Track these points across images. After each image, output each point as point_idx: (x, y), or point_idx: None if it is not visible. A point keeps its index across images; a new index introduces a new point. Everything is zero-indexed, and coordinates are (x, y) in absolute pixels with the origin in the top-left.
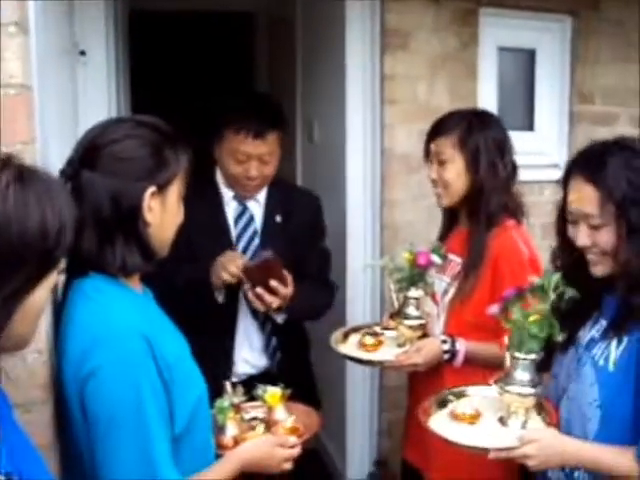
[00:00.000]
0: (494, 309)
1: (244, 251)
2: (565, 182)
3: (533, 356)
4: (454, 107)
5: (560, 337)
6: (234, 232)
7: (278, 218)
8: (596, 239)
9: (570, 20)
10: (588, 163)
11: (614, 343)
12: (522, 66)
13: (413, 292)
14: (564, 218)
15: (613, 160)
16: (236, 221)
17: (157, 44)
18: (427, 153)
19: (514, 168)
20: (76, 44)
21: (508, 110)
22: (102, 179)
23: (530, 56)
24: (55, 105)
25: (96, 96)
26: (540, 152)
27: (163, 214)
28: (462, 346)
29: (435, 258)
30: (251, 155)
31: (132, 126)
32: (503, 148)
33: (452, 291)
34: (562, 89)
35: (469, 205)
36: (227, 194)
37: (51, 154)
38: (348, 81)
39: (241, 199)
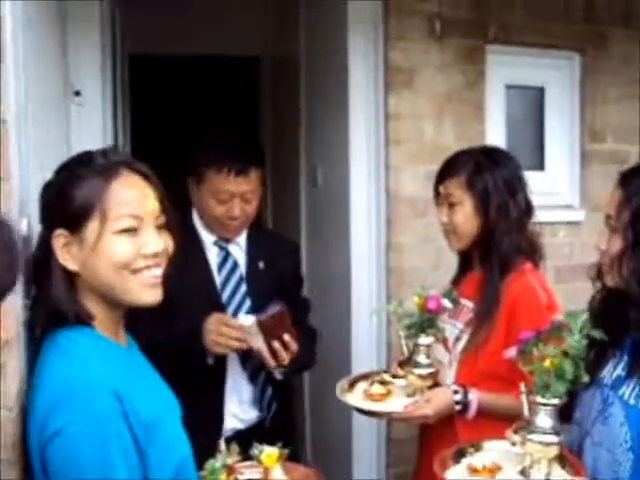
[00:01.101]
0: (511, 352)
1: (230, 299)
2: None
3: (556, 401)
4: (461, 147)
5: (586, 378)
6: (218, 279)
7: (261, 264)
8: (610, 245)
9: (578, 57)
10: (627, 173)
11: None
12: (531, 104)
13: (423, 339)
14: None
15: None
16: (219, 268)
17: (163, 89)
18: (437, 195)
19: (528, 206)
20: (71, 84)
21: (517, 150)
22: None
23: (539, 94)
24: (45, 143)
25: (89, 137)
26: (552, 192)
27: (88, 256)
28: (475, 397)
29: (446, 303)
30: (234, 194)
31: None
32: (514, 186)
33: (465, 338)
34: (572, 127)
35: (481, 248)
36: (208, 239)
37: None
38: (351, 121)
39: (222, 244)
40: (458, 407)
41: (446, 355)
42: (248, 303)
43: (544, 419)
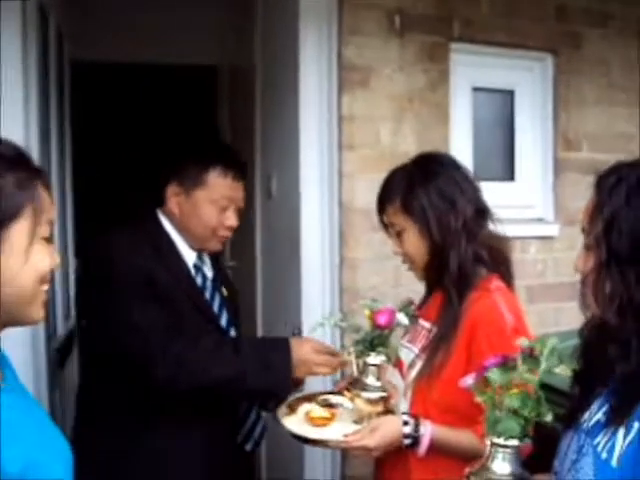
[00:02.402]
0: (467, 381)
1: (219, 315)
2: None
3: (514, 442)
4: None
5: (549, 417)
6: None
7: (224, 291)
8: (585, 264)
9: (550, 58)
10: (603, 174)
11: (621, 431)
12: (499, 109)
13: (373, 358)
14: None
15: (625, 171)
16: (202, 291)
17: (121, 97)
18: (384, 226)
19: (479, 210)
20: None
21: (485, 158)
22: None
23: (508, 97)
24: None
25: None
26: (522, 205)
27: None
28: (427, 431)
29: (402, 318)
30: (234, 200)
31: None
32: (452, 195)
33: (419, 364)
34: (545, 134)
35: (436, 269)
36: (190, 257)
37: None
38: (302, 125)
39: (198, 264)
40: (407, 441)
41: (400, 379)
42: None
43: (500, 464)
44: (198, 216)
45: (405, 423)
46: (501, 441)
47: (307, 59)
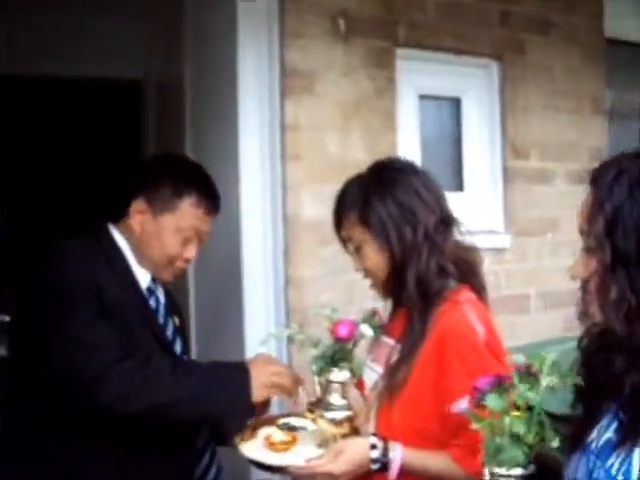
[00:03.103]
0: (461, 406)
1: (173, 342)
2: None
3: (518, 471)
4: (372, 162)
5: (556, 442)
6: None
7: (175, 319)
8: (587, 269)
9: (496, 65)
10: (598, 168)
11: (637, 452)
12: (446, 116)
13: (336, 374)
14: None
15: (624, 164)
16: (156, 310)
17: (42, 111)
18: (342, 241)
19: (443, 219)
20: None
21: (433, 168)
22: None
23: (455, 105)
24: None
25: None
26: (472, 216)
27: None
28: (397, 455)
29: (365, 329)
30: (200, 233)
31: None
32: (411, 205)
33: (380, 384)
34: (492, 143)
35: (398, 283)
36: (143, 280)
37: None
38: (241, 135)
39: (152, 288)
40: (375, 466)
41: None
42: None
43: None
44: (160, 241)
45: (373, 447)
46: (503, 471)
47: (246, 65)
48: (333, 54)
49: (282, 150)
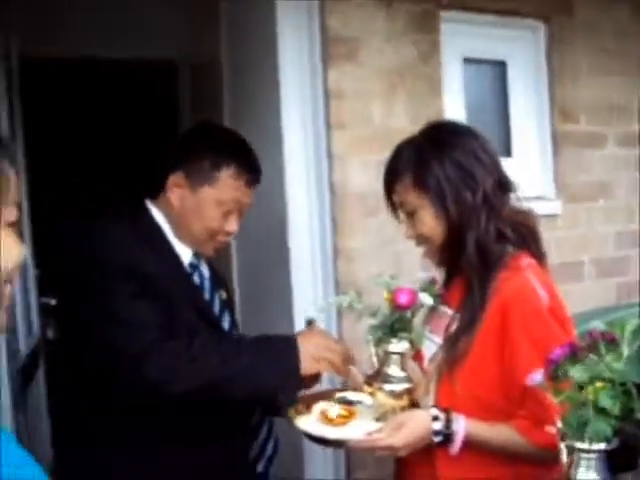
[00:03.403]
0: (536, 377)
1: (220, 318)
2: None
3: (602, 446)
4: (418, 130)
5: None
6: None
7: (223, 293)
8: None
9: (543, 27)
10: None
11: None
12: (493, 81)
13: (395, 345)
14: None
15: None
16: (201, 286)
17: (78, 93)
18: (392, 207)
19: (501, 183)
20: None
21: None
22: None
23: (501, 69)
24: None
25: None
26: (521, 182)
27: None
28: (461, 427)
29: (425, 298)
30: (241, 205)
31: None
32: (471, 167)
33: (441, 357)
34: (540, 107)
35: (456, 250)
36: (185, 255)
37: None
38: (284, 105)
39: (195, 263)
40: (438, 438)
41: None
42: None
43: (586, 472)
44: (200, 215)
45: (435, 418)
46: (586, 446)
47: (286, 34)
48: (376, 19)
49: (326, 120)
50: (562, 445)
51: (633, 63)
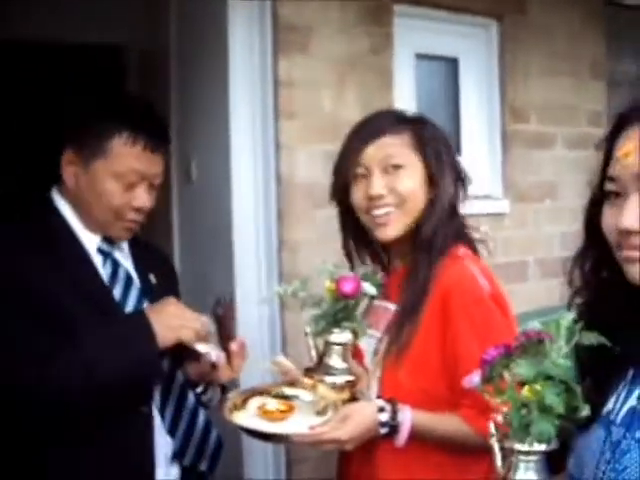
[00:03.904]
0: (473, 379)
1: (139, 301)
2: (612, 139)
3: (543, 447)
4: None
5: (587, 410)
6: (117, 298)
7: (152, 278)
8: None
9: (495, 25)
10: None
11: None
12: (444, 77)
13: (337, 336)
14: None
15: None
16: (111, 282)
17: (21, 77)
18: (354, 166)
19: (462, 179)
20: None
21: None
22: None
23: (452, 66)
24: None
25: None
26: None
27: None
28: (407, 417)
29: (368, 287)
30: (145, 176)
31: None
32: (453, 153)
33: (383, 347)
34: (491, 105)
35: (417, 232)
36: (90, 242)
37: None
38: (232, 92)
39: (106, 249)
40: (384, 430)
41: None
42: None
43: (525, 475)
44: (98, 193)
45: (381, 409)
46: (526, 447)
47: (237, 20)
48: (329, 9)
49: (275, 108)
50: (496, 447)
51: (583, 66)
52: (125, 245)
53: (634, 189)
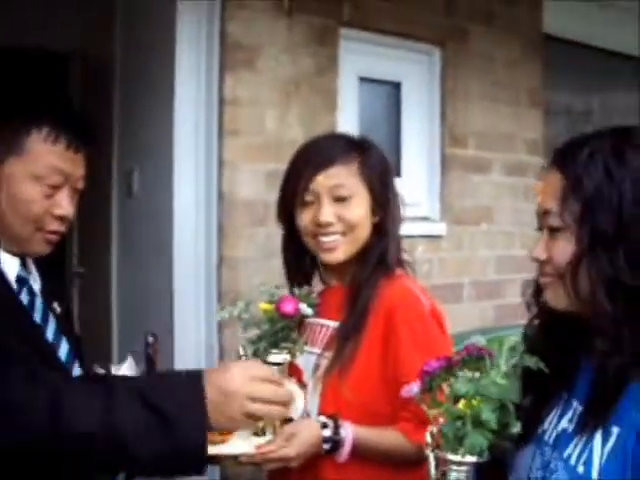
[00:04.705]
0: (412, 389)
1: (56, 344)
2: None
3: (474, 458)
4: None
5: (517, 427)
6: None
7: (56, 306)
8: (552, 250)
9: (438, 52)
10: (565, 148)
11: (598, 439)
12: (386, 101)
13: (275, 356)
14: None
15: (595, 143)
16: (31, 311)
17: None
18: (304, 192)
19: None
20: None
21: None
22: None
23: (395, 90)
24: None
25: None
26: (409, 202)
27: None
28: (349, 433)
29: (304, 308)
30: (69, 178)
31: None
32: (392, 177)
33: (326, 363)
34: (432, 129)
35: (361, 254)
36: (10, 267)
37: None
38: (177, 108)
39: (24, 277)
40: (327, 446)
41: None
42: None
43: None
44: (14, 198)
45: (324, 425)
46: (457, 458)
47: (184, 36)
48: (276, 29)
49: (219, 125)
50: (431, 456)
51: (522, 94)
52: (33, 268)
53: (543, 224)
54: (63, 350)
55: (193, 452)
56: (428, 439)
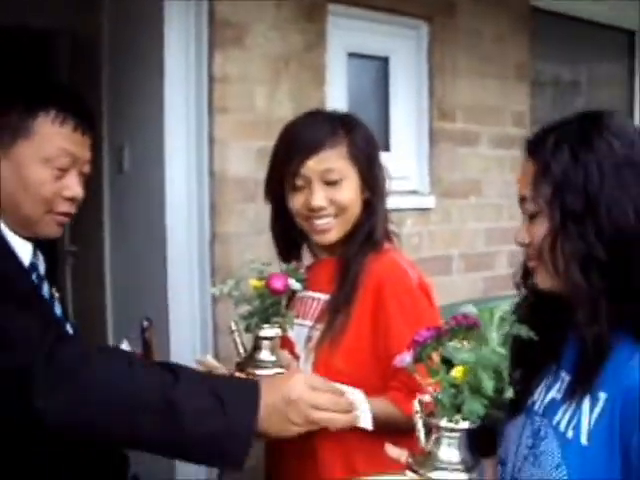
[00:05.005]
0: (405, 359)
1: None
2: None
3: (466, 425)
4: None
5: (510, 392)
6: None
7: (54, 292)
8: (533, 233)
9: (426, 27)
10: (535, 137)
11: (586, 405)
12: (375, 76)
13: (267, 330)
14: None
15: (563, 130)
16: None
17: None
18: (294, 177)
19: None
20: None
21: None
22: None
23: (383, 65)
24: None
25: None
26: (398, 176)
27: None
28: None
29: (293, 283)
30: (77, 160)
31: None
32: (379, 151)
33: (317, 334)
34: (420, 103)
35: (351, 232)
36: (23, 250)
37: None
38: (167, 86)
39: (35, 263)
40: None
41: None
42: None
43: (448, 451)
44: (24, 182)
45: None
46: (450, 424)
47: (173, 14)
48: (264, 6)
49: (209, 103)
50: (420, 423)
51: (509, 68)
52: (38, 251)
53: (523, 211)
54: (67, 329)
55: (241, 436)
56: (417, 407)
